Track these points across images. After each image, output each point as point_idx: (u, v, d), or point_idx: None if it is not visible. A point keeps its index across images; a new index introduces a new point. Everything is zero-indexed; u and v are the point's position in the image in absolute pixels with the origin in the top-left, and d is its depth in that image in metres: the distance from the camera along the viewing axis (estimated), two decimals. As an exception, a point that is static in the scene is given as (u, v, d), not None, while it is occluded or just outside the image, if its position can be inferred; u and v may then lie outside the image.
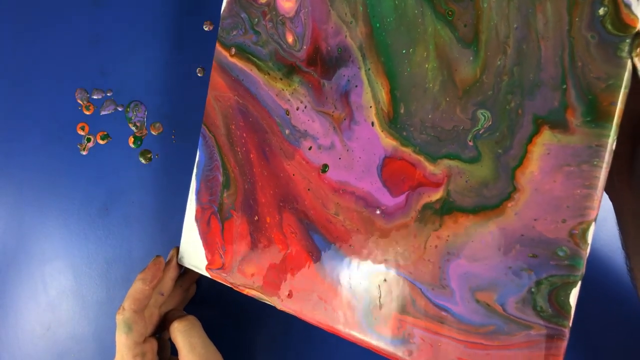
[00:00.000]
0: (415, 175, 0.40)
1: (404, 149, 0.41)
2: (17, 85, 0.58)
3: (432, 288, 0.40)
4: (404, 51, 0.41)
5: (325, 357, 0.51)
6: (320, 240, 0.45)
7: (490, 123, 0.37)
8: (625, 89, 0.33)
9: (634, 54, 0.32)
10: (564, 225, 0.35)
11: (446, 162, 0.39)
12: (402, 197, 0.41)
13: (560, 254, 0.35)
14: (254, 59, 0.48)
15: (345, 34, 0.43)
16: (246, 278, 0.48)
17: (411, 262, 0.41)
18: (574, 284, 0.35)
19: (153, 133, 0.56)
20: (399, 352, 0.41)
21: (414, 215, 0.41)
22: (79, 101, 0.57)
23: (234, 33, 0.49)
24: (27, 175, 0.58)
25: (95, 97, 0.57)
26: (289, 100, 0.46)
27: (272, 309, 0.47)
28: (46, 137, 0.58)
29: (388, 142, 0.42)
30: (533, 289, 0.36)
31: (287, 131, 0.46)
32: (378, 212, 0.42)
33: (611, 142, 0.33)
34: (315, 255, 0.45)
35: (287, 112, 0.46)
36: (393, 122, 0.41)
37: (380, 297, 0.42)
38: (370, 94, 0.42)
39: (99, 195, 0.57)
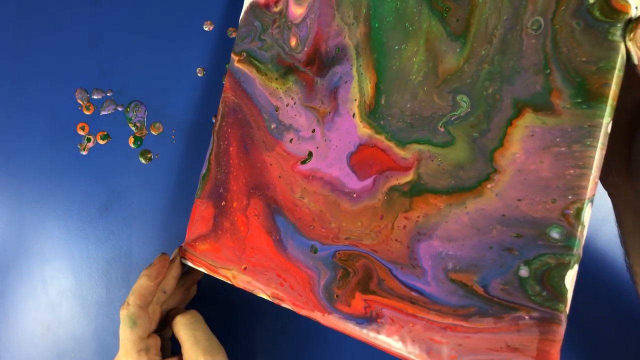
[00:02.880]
0: (384, 160, 0.31)
1: (377, 136, 0.31)
2: (17, 85, 0.47)
3: (401, 267, 0.29)
4: (396, 47, 0.32)
5: (325, 357, 0.40)
6: (282, 221, 0.35)
7: (469, 110, 0.28)
8: (620, 71, 0.24)
9: (627, 39, 0.24)
10: (554, 206, 0.25)
11: (415, 146, 0.30)
12: (369, 181, 0.31)
13: (553, 234, 0.25)
14: (255, 61, 0.38)
15: (345, 35, 0.34)
16: (195, 251, 0.38)
17: (377, 242, 0.30)
18: (569, 265, 0.24)
19: (153, 133, 0.45)
20: (364, 331, 0.30)
21: (381, 198, 0.31)
22: (79, 101, 0.47)
23: (246, 40, 0.39)
24: (27, 175, 0.46)
25: (95, 97, 0.47)
26: (280, 98, 0.37)
27: (273, 309, 0.37)
28: (46, 137, 0.46)
29: (364, 131, 0.32)
30: (522, 270, 0.26)
31: (272, 126, 0.37)
32: (344, 195, 0.32)
33: (606, 123, 0.24)
34: (274, 235, 0.35)
35: (277, 109, 0.37)
36: (372, 113, 0.32)
37: (341, 274, 0.32)
38: (357, 88, 0.33)
39: (99, 195, 0.45)
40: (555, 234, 0.25)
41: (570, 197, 0.25)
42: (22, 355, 0.45)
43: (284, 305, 0.34)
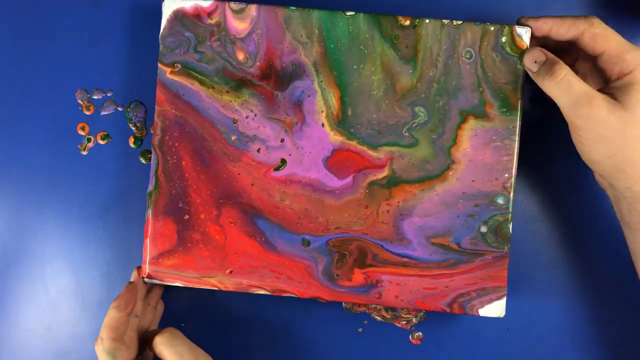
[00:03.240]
0: (360, 161, 0.37)
1: (350, 142, 0.38)
2: (17, 85, 0.44)
3: (391, 242, 0.38)
4: (354, 66, 0.37)
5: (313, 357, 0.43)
6: (264, 224, 0.38)
7: (426, 118, 0.37)
8: (523, 89, 0.37)
9: (523, 64, 0.36)
10: (497, 182, 0.37)
11: (386, 148, 0.37)
12: (349, 179, 0.38)
13: (499, 201, 0.37)
14: (196, 74, 0.37)
15: (301, 52, 0.37)
16: (161, 267, 0.38)
17: (366, 226, 0.38)
18: (510, 219, 0.37)
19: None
20: (368, 297, 0.38)
21: (363, 192, 0.38)
22: (79, 101, 0.43)
23: (176, 51, 0.38)
24: (27, 175, 0.43)
25: (95, 97, 0.43)
26: (237, 110, 0.38)
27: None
28: (46, 137, 0.43)
29: (336, 138, 0.38)
30: (482, 228, 0.37)
31: (233, 137, 0.38)
32: (327, 193, 0.38)
33: (520, 124, 0.37)
34: (259, 237, 0.38)
35: (235, 121, 0.38)
36: (341, 123, 0.37)
37: (337, 257, 0.38)
38: (322, 101, 0.37)
39: (99, 195, 0.43)
40: (500, 201, 0.37)
41: (506, 175, 0.37)
42: (22, 355, 0.44)
43: (285, 294, 0.38)
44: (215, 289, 0.38)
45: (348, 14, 0.37)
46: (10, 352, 0.43)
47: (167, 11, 0.38)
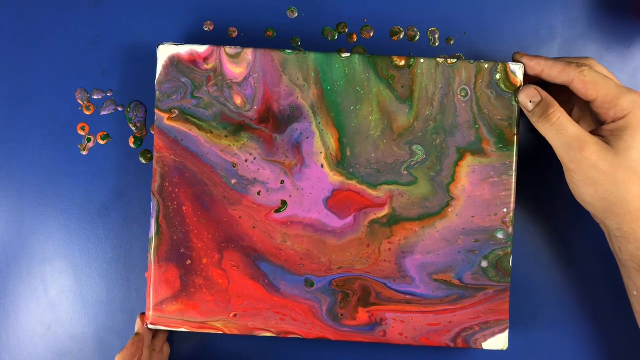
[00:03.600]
0: (360, 200, 0.38)
1: (349, 182, 0.38)
2: (17, 85, 0.44)
3: (394, 280, 0.38)
4: (352, 107, 0.37)
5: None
6: (267, 266, 0.38)
7: (424, 156, 0.37)
8: (518, 124, 0.37)
9: (517, 101, 0.37)
10: (496, 217, 0.37)
11: (386, 187, 0.38)
12: (350, 218, 0.38)
13: (499, 235, 0.37)
14: (194, 119, 0.37)
15: (298, 95, 0.37)
16: (164, 314, 0.38)
17: (368, 265, 0.38)
18: (510, 253, 0.37)
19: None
20: (373, 335, 0.38)
21: (364, 230, 0.38)
22: (79, 101, 0.43)
23: (173, 97, 0.37)
24: (27, 175, 0.44)
25: (95, 97, 0.43)
26: (236, 154, 0.38)
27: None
28: (46, 137, 0.44)
29: (336, 178, 0.38)
30: (483, 263, 0.37)
31: (233, 181, 0.38)
32: (328, 233, 0.38)
33: (516, 159, 0.37)
34: (262, 280, 0.38)
35: (234, 165, 0.38)
36: (340, 163, 0.38)
37: (341, 297, 0.38)
38: (320, 143, 0.37)
39: (99, 195, 0.43)
40: (500, 235, 0.37)
41: (505, 210, 0.37)
42: (22, 355, 0.44)
43: (290, 336, 0.38)
44: (220, 332, 0.38)
45: (343, 55, 0.37)
46: (10, 352, 0.43)
47: (162, 57, 0.37)
